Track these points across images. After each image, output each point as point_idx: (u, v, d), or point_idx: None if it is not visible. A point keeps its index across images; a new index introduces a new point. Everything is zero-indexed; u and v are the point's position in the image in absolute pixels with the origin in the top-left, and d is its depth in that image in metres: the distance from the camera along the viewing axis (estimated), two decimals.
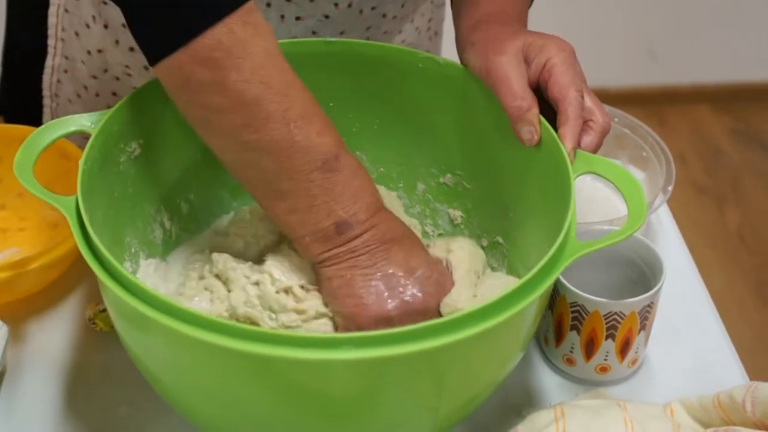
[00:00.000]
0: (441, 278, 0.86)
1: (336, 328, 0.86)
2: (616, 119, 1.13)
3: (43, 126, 0.86)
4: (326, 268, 0.85)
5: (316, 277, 0.87)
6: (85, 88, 1.10)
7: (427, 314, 0.84)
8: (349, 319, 0.84)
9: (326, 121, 0.83)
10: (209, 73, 0.78)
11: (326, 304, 0.86)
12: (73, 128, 0.86)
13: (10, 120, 1.19)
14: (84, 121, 0.87)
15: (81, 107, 1.11)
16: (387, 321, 0.83)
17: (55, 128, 0.86)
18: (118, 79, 1.08)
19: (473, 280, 0.90)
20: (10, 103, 1.20)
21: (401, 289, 0.83)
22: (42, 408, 0.91)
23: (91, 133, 0.85)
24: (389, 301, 0.83)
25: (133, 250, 0.90)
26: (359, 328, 0.84)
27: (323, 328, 0.86)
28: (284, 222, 0.84)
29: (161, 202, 0.94)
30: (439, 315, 0.85)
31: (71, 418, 0.91)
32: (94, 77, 1.09)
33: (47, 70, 1.11)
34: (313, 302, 0.86)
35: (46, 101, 1.13)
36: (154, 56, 0.80)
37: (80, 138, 0.87)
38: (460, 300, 0.86)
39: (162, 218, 0.94)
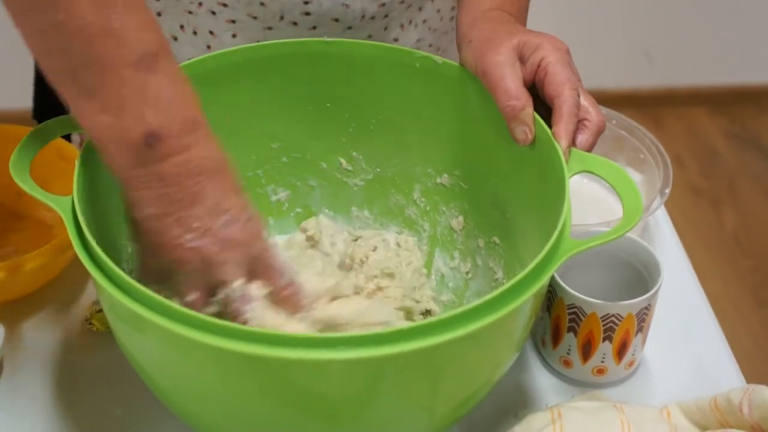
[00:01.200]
0: (249, 224, 0.78)
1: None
2: (614, 121, 1.13)
3: (39, 126, 0.85)
4: (135, 190, 0.77)
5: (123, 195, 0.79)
6: None
7: (219, 263, 0.77)
8: (150, 250, 0.79)
9: (150, 18, 0.75)
10: None
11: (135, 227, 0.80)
12: (69, 128, 0.86)
13: None
14: None
15: None
16: (180, 263, 0.77)
17: (52, 128, 0.85)
18: None
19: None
20: (43, 110, 1.19)
21: (202, 234, 0.76)
22: (38, 409, 0.91)
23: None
24: (187, 244, 0.76)
25: (129, 251, 0.90)
26: (157, 260, 0.79)
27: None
28: (91, 125, 0.75)
29: None
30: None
31: (67, 418, 0.90)
32: None
33: None
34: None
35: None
36: None
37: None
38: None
39: None
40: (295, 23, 1.01)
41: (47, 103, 1.18)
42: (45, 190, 0.81)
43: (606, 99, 1.37)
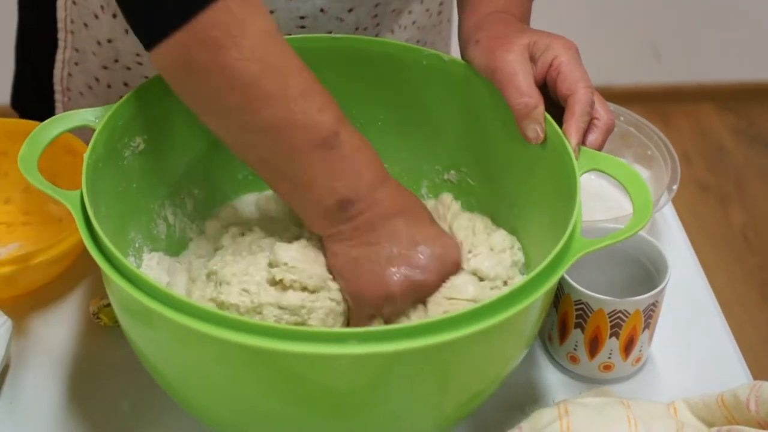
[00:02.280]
0: (444, 252, 0.86)
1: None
2: (621, 118, 1.13)
3: (47, 121, 0.85)
4: (332, 243, 0.85)
5: (324, 251, 0.87)
6: (97, 79, 1.10)
7: (428, 288, 0.85)
8: (354, 297, 0.85)
9: (326, 98, 0.83)
10: (208, 52, 0.78)
11: (334, 279, 0.86)
12: (77, 123, 0.86)
13: (23, 116, 1.18)
14: (88, 116, 0.86)
15: (93, 100, 1.11)
16: (389, 298, 0.83)
17: (60, 123, 0.86)
18: (129, 68, 1.07)
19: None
20: (24, 99, 1.19)
21: (403, 267, 0.83)
22: (45, 403, 0.91)
23: (96, 128, 0.85)
24: (392, 279, 0.83)
25: (137, 245, 0.90)
26: (364, 306, 0.84)
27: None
28: (289, 200, 0.85)
29: (165, 197, 0.94)
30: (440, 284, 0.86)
31: (74, 413, 0.90)
32: (105, 68, 1.08)
33: (58, 64, 1.11)
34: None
35: (58, 96, 1.13)
36: (151, 39, 0.79)
37: (87, 133, 0.86)
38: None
39: (166, 213, 0.94)
40: (289, 34, 1.02)
41: (27, 91, 1.18)
42: (53, 185, 0.82)
43: (613, 96, 1.36)
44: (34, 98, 1.16)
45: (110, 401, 0.91)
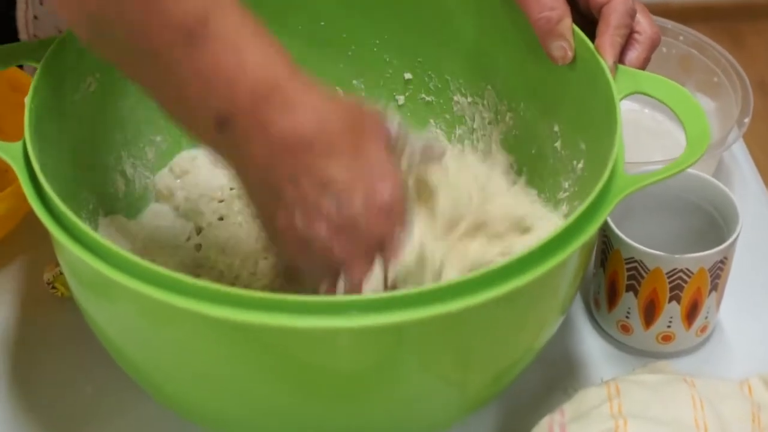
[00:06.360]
0: (367, 198, 0.74)
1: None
2: (680, 37, 1.13)
3: None
4: (236, 177, 0.77)
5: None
6: None
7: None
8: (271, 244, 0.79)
9: None
10: None
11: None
12: (14, 59, 0.85)
13: None
14: (28, 50, 0.86)
15: None
16: (294, 254, 0.77)
17: None
18: None
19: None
20: None
21: (323, 225, 0.74)
22: None
23: (38, 66, 0.84)
24: (300, 231, 0.75)
25: (91, 207, 0.91)
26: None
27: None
28: (170, 115, 0.77)
29: (123, 146, 0.94)
30: None
31: (28, 398, 0.90)
32: None
33: (20, 5, 1.10)
34: None
35: None
36: None
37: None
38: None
39: (124, 166, 0.95)
40: None
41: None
42: None
43: (672, 12, 1.35)
44: None
45: (71, 386, 0.91)
